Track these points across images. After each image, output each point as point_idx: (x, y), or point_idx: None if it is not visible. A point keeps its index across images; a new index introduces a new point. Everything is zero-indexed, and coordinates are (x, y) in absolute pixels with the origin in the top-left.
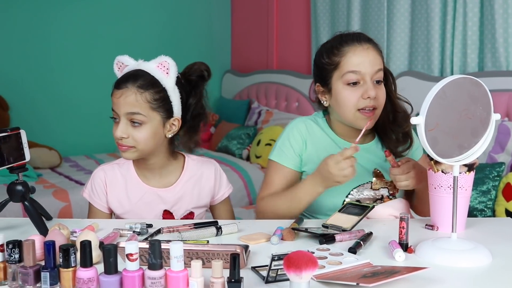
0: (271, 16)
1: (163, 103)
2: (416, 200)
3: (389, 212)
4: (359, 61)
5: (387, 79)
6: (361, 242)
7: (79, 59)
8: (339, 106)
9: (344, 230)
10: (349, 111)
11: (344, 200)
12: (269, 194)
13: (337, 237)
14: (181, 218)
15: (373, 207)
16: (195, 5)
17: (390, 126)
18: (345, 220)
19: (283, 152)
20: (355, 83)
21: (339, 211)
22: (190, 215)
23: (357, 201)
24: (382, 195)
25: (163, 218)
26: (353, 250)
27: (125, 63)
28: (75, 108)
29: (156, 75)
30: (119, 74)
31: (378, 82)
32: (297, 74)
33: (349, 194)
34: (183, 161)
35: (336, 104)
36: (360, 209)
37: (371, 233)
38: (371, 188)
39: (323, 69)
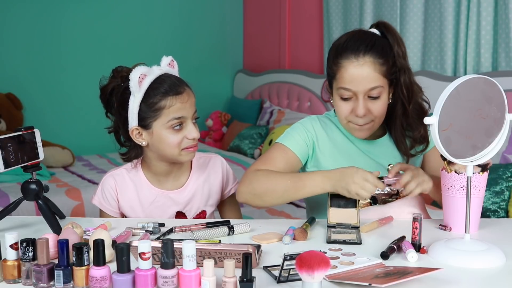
0: (284, 16)
1: None
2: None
3: (407, 211)
4: (351, 79)
5: (398, 85)
6: (395, 247)
7: (92, 59)
8: (336, 113)
9: (353, 227)
10: (342, 120)
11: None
12: (266, 169)
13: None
14: (194, 217)
15: None
16: (207, 5)
17: (404, 131)
18: (346, 216)
19: (292, 136)
20: (347, 98)
21: (331, 206)
22: (201, 214)
23: (372, 197)
24: (397, 191)
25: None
26: (385, 254)
27: (146, 73)
28: (87, 107)
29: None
30: (139, 85)
31: (372, 98)
32: (309, 73)
33: None
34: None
35: (336, 110)
36: (344, 198)
37: (404, 237)
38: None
39: (328, 73)
